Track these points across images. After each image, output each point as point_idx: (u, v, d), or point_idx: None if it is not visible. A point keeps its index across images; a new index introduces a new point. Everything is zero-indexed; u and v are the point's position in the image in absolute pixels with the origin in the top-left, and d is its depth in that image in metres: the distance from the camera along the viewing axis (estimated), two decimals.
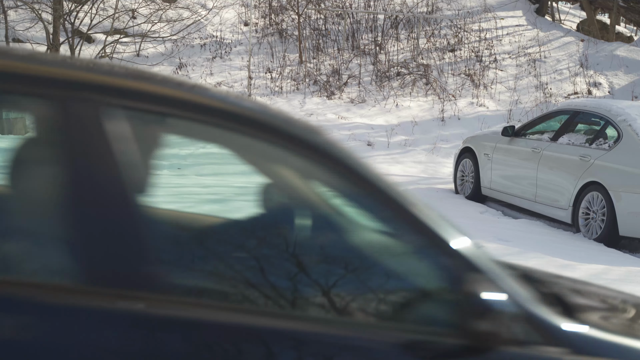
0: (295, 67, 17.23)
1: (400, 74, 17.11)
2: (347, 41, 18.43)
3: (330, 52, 18.08)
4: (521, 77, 17.21)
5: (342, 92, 16.45)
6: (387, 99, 16.17)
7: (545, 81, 16.96)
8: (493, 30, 19.25)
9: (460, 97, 16.33)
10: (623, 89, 16.59)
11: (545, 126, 9.40)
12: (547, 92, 16.40)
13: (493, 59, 17.92)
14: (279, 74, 16.88)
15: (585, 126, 8.91)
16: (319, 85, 16.57)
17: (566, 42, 19.07)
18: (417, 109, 15.82)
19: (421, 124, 15.02)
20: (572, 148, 8.47)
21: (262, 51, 17.94)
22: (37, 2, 15.88)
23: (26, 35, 16.85)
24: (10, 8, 16.70)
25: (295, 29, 18.47)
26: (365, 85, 16.76)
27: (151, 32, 17.13)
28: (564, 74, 17.36)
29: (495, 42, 18.71)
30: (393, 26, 18.91)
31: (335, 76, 16.87)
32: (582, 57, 17.94)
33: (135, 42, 17.35)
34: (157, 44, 17.52)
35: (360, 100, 16.13)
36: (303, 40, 17.97)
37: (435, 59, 17.81)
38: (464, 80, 16.99)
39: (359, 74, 17.02)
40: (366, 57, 17.79)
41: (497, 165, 9.55)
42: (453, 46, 18.37)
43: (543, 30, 19.59)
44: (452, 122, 15.17)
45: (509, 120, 15.03)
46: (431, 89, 16.61)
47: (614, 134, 8.21)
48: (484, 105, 15.95)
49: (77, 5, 16.75)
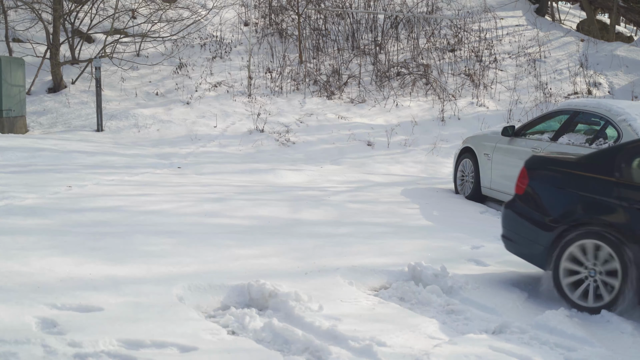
0: (295, 67, 17.22)
1: (400, 74, 17.11)
2: (347, 41, 18.43)
3: (330, 52, 18.08)
4: (521, 77, 17.21)
5: (342, 92, 16.44)
6: (387, 99, 16.17)
7: (545, 81, 16.96)
8: (493, 30, 19.25)
9: (460, 97, 16.33)
10: (623, 89, 16.59)
11: (545, 126, 9.39)
12: (547, 92, 16.40)
13: (493, 59, 17.93)
14: (279, 74, 16.88)
15: (585, 126, 8.90)
16: (319, 85, 16.57)
17: (566, 42, 19.07)
18: (417, 108, 15.82)
19: (421, 123, 15.02)
20: (572, 148, 8.46)
21: (262, 51, 17.94)
22: (37, 2, 15.88)
23: (26, 35, 16.85)
24: (10, 8, 16.69)
25: (295, 29, 18.47)
26: (365, 85, 16.75)
27: (151, 32, 17.14)
28: (563, 74, 17.36)
29: (495, 42, 18.72)
30: (393, 26, 18.91)
31: (335, 76, 16.86)
32: (582, 57, 17.94)
33: (135, 42, 17.35)
34: (157, 44, 17.52)
35: (360, 100, 16.12)
36: (303, 40, 17.96)
37: (435, 59, 17.81)
38: (464, 80, 16.99)
39: (359, 74, 17.02)
40: (366, 57, 17.80)
41: (497, 165, 9.55)
42: (453, 46, 18.37)
43: (543, 30, 19.59)
44: (452, 122, 15.17)
45: (508, 120, 15.03)
46: (431, 89, 16.61)
47: (614, 133, 8.20)
48: (484, 105, 15.95)
49: (77, 5, 16.75)
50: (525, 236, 5.66)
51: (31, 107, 15.00)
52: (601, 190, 5.20)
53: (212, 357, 3.77)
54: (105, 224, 6.78)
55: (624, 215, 5.03)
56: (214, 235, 6.56)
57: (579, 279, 5.20)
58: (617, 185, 5.14)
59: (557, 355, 4.24)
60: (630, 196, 5.04)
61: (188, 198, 8.53)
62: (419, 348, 4.11)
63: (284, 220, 7.64)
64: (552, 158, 5.85)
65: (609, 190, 5.16)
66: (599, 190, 5.22)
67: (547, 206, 5.54)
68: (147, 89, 16.15)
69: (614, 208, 5.09)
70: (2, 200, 7.55)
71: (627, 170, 5.17)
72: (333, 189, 10.16)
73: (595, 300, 5.12)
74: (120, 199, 8.10)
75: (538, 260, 5.54)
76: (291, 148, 13.62)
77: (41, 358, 3.58)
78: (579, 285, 5.20)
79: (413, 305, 5.03)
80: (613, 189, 5.14)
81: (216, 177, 10.48)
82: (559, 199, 5.47)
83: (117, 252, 5.66)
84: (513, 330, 4.59)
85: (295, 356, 3.92)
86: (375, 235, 7.11)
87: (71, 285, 4.73)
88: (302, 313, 4.51)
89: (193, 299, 4.75)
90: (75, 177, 9.51)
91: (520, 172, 5.84)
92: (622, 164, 5.21)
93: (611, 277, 5.04)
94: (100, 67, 14.51)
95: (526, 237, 5.65)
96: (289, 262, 5.81)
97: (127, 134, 14.00)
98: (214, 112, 15.03)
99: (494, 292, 5.40)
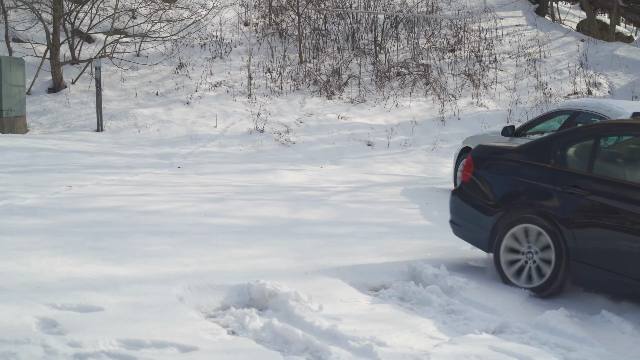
0: (295, 67, 17.22)
1: (400, 74, 17.11)
2: (347, 41, 18.43)
3: (330, 52, 18.08)
4: (521, 77, 17.20)
5: (342, 92, 16.45)
6: (387, 99, 16.17)
7: (545, 81, 16.96)
8: (493, 30, 19.25)
9: (460, 97, 16.33)
10: (623, 89, 16.59)
11: (545, 126, 9.38)
12: (547, 92, 16.40)
13: (493, 59, 17.92)
14: (279, 74, 16.88)
15: None
16: (319, 85, 16.57)
17: (566, 42, 19.07)
18: (417, 108, 15.82)
19: (421, 123, 15.02)
20: None
21: (262, 51, 17.94)
22: (37, 2, 15.88)
23: (26, 35, 16.85)
24: (10, 8, 16.69)
25: (295, 29, 18.47)
26: (365, 85, 16.75)
27: (151, 32, 17.13)
28: (563, 74, 17.35)
29: (495, 42, 18.71)
30: (393, 26, 18.91)
31: (335, 76, 16.86)
32: (582, 57, 17.94)
33: (135, 42, 17.35)
34: (157, 44, 17.52)
35: (360, 100, 16.12)
36: (303, 40, 17.97)
37: (435, 59, 17.81)
38: (464, 80, 16.99)
39: (359, 74, 17.02)
40: (366, 57, 17.79)
41: None
42: (453, 46, 18.37)
43: (543, 30, 19.59)
44: (452, 122, 15.17)
45: (509, 120, 15.03)
46: (431, 88, 16.61)
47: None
48: (484, 105, 15.95)
49: (77, 5, 16.75)
50: (470, 221, 5.98)
51: (31, 107, 15.00)
52: (538, 176, 5.52)
53: (212, 357, 3.77)
54: (105, 224, 6.78)
55: (558, 200, 5.34)
56: (214, 235, 6.56)
57: (517, 259, 5.53)
58: (552, 172, 5.46)
59: (557, 355, 4.24)
60: (563, 181, 5.35)
61: (188, 198, 8.53)
62: (419, 348, 4.11)
63: (283, 220, 7.64)
64: (496, 147, 6.23)
65: (545, 176, 5.48)
66: (536, 177, 5.54)
67: (489, 192, 5.87)
68: (147, 89, 16.15)
69: (550, 193, 5.40)
70: (2, 200, 7.55)
71: (561, 157, 5.51)
72: (333, 189, 10.17)
73: (527, 281, 5.44)
74: (120, 199, 8.11)
75: (482, 243, 5.85)
76: (291, 148, 13.62)
77: (41, 358, 3.58)
78: (517, 266, 5.53)
79: (413, 305, 5.03)
80: (548, 175, 5.46)
81: (216, 177, 10.48)
82: (501, 185, 5.79)
83: (117, 252, 5.66)
84: (513, 330, 4.59)
85: (295, 356, 3.92)
86: (375, 235, 7.11)
87: (71, 285, 4.72)
88: (302, 313, 4.51)
89: (193, 299, 4.75)
90: (75, 177, 9.51)
91: (467, 161, 6.16)
92: (557, 151, 5.53)
93: (547, 258, 5.34)
94: (100, 67, 14.52)
95: (471, 221, 5.97)
96: (289, 262, 5.81)
97: (127, 134, 14.01)
98: (214, 112, 15.03)
99: (494, 292, 5.40)
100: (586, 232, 5.15)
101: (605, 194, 5.12)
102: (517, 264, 5.52)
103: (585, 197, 5.19)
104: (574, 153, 5.54)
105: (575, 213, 5.22)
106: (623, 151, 5.60)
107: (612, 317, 4.97)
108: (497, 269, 5.63)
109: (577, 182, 5.27)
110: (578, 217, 5.20)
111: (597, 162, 5.32)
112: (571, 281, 5.27)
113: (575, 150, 5.56)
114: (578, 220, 5.20)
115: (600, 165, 5.31)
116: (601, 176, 5.22)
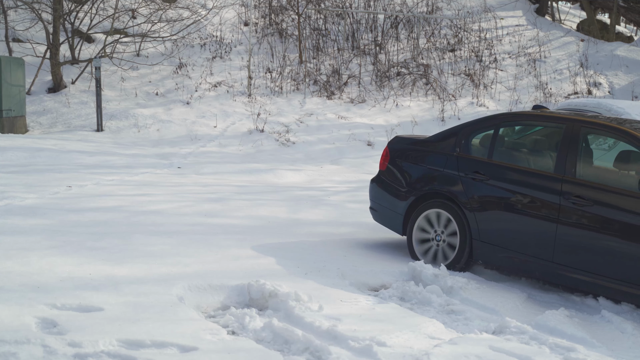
0: (295, 67, 17.22)
1: (400, 74, 17.11)
2: (347, 41, 18.43)
3: (330, 52, 18.08)
4: (521, 77, 17.21)
5: (342, 92, 16.45)
6: (387, 99, 16.17)
7: (545, 81, 16.96)
8: (493, 30, 19.25)
9: (460, 97, 16.34)
10: (623, 89, 16.59)
11: None
12: (547, 92, 16.40)
13: (493, 58, 17.92)
14: (279, 74, 16.88)
15: None
16: (319, 85, 16.57)
17: (566, 42, 19.07)
18: (417, 108, 15.82)
19: (421, 123, 15.02)
20: None
21: (262, 51, 17.94)
22: (37, 2, 15.88)
23: (26, 35, 16.85)
24: (10, 8, 16.69)
25: (295, 28, 18.47)
26: (365, 85, 16.76)
27: (151, 32, 17.13)
28: (564, 74, 17.36)
29: (495, 42, 18.71)
30: (393, 26, 18.91)
31: (335, 76, 16.87)
32: (582, 57, 17.94)
33: (135, 42, 17.35)
34: (157, 43, 17.52)
35: (360, 100, 16.13)
36: (303, 40, 17.97)
37: (435, 59, 17.81)
38: (464, 80, 16.99)
39: (359, 74, 17.02)
40: (366, 57, 17.80)
41: None
42: (453, 46, 18.37)
43: (543, 30, 19.59)
44: (452, 122, 15.15)
45: None
46: (431, 88, 16.61)
47: None
48: (484, 105, 15.95)
49: (77, 5, 16.75)
50: (386, 206, 6.53)
51: (31, 107, 15.00)
52: (444, 164, 6.12)
53: (212, 357, 3.77)
54: (105, 224, 6.78)
55: (462, 185, 5.94)
56: (214, 235, 6.56)
57: (427, 239, 6.13)
58: (457, 159, 6.05)
59: (557, 355, 4.24)
60: (467, 168, 5.95)
61: (188, 198, 8.53)
62: (419, 348, 4.11)
63: (283, 220, 7.64)
64: (409, 137, 6.81)
65: (450, 163, 6.07)
66: (442, 164, 6.13)
67: (402, 179, 6.43)
68: (147, 89, 16.15)
69: (454, 179, 6.00)
70: (2, 200, 7.55)
71: (465, 146, 6.09)
72: (333, 189, 10.17)
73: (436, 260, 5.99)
74: (120, 199, 8.10)
75: (397, 227, 6.39)
76: (291, 148, 13.62)
77: (41, 358, 3.58)
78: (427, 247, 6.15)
79: (413, 305, 5.03)
80: (454, 162, 6.06)
81: (216, 177, 10.48)
82: (412, 172, 6.36)
83: (117, 252, 5.66)
84: (513, 331, 4.59)
85: (295, 356, 3.92)
86: (375, 235, 7.11)
87: (71, 285, 4.72)
88: (302, 313, 4.51)
89: (193, 299, 4.75)
90: (75, 177, 9.51)
91: (384, 151, 6.70)
92: (462, 141, 6.11)
93: (452, 239, 5.98)
94: (100, 67, 14.52)
95: (387, 207, 6.52)
96: (289, 262, 5.81)
97: (127, 134, 14.01)
98: (214, 112, 15.03)
99: (494, 292, 5.40)
100: (486, 215, 5.75)
101: (502, 178, 5.72)
102: (426, 243, 6.13)
103: (485, 182, 5.79)
104: (477, 142, 6.12)
105: (476, 197, 5.81)
106: (519, 139, 6.24)
107: (612, 317, 4.97)
108: (410, 250, 6.19)
109: (479, 168, 5.87)
110: (479, 200, 5.80)
111: (497, 150, 5.92)
112: (474, 258, 5.86)
113: (478, 139, 6.13)
114: (479, 203, 5.79)
115: (499, 153, 5.91)
116: (499, 162, 5.82)
